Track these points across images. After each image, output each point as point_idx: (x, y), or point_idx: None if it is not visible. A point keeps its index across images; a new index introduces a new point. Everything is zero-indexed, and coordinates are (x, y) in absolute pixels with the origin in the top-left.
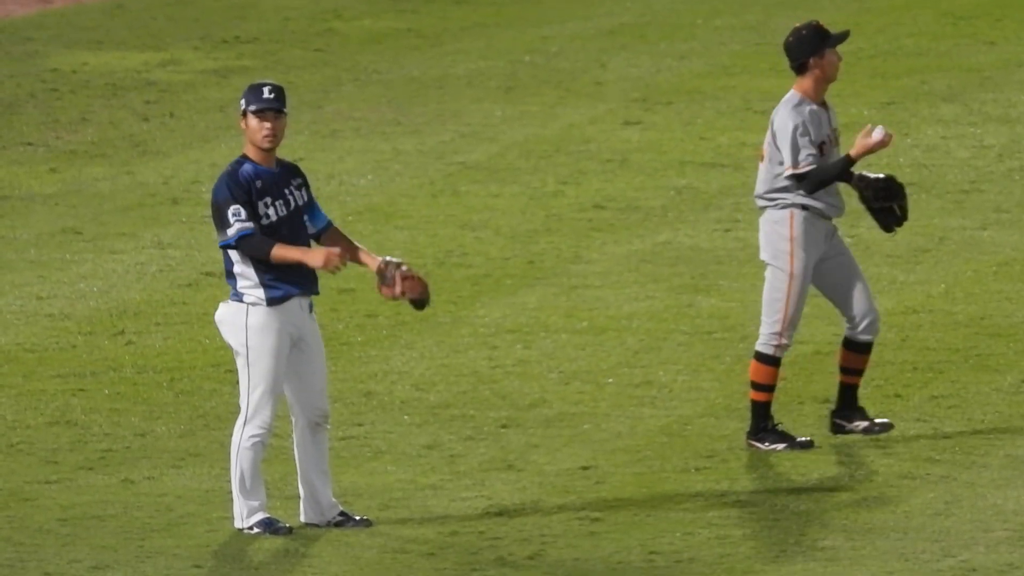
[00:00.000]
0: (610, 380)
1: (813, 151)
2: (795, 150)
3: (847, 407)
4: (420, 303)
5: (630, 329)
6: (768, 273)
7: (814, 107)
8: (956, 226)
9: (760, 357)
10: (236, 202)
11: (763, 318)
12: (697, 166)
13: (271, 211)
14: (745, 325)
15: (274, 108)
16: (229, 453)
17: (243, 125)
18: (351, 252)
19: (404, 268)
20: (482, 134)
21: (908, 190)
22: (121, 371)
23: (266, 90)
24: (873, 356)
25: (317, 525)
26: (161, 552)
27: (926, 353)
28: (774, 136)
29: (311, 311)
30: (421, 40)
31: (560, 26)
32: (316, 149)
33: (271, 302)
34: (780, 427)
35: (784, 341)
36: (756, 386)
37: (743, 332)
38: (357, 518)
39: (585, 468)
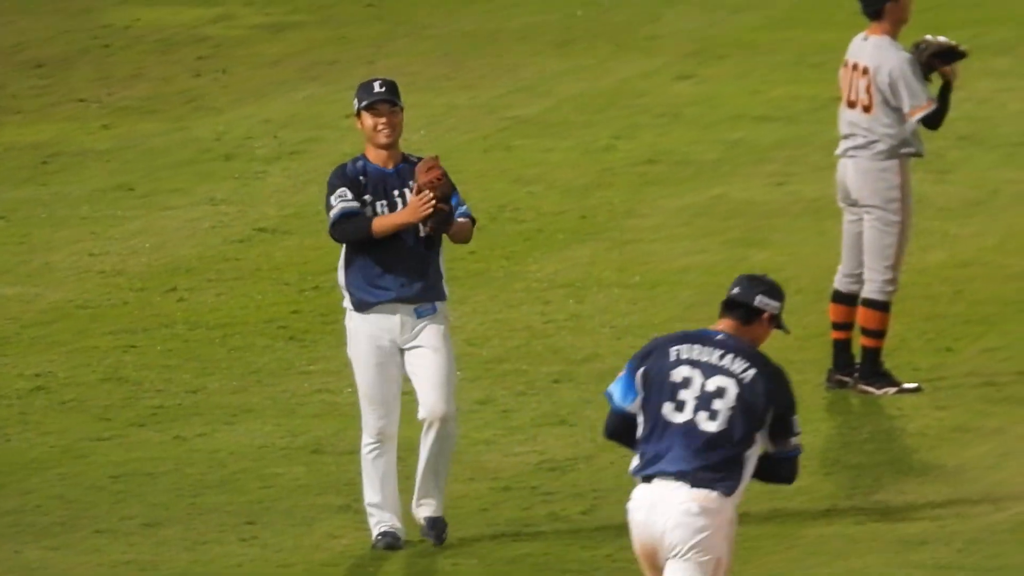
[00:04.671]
0: (663, 334)
1: (926, 89)
2: (916, 92)
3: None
4: (438, 219)
5: (683, 283)
6: (872, 221)
7: None
8: (1009, 179)
9: (871, 303)
10: (340, 186)
11: (870, 264)
12: (750, 119)
13: (370, 209)
14: (800, 278)
15: (387, 100)
16: None
17: (359, 126)
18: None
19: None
20: (535, 88)
21: (961, 143)
22: (173, 327)
23: (376, 84)
24: (926, 309)
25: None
26: (214, 509)
27: (979, 306)
28: (888, 83)
29: (424, 316)
30: None
31: None
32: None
33: (359, 307)
34: (890, 372)
35: (896, 287)
36: (869, 332)
37: (797, 285)
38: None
39: None
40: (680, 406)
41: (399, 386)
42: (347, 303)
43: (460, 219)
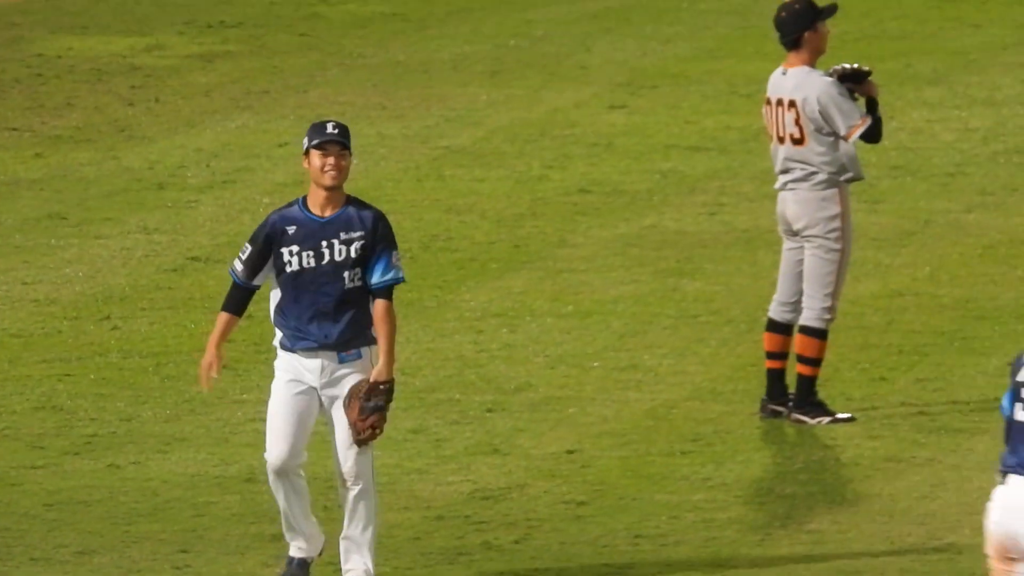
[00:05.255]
0: (596, 364)
1: (857, 106)
2: (849, 112)
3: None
4: (358, 437)
5: (616, 313)
6: (813, 249)
7: None
8: (941, 209)
9: (809, 331)
10: (249, 242)
11: (809, 293)
12: (683, 150)
13: (295, 260)
14: (730, 309)
15: (338, 142)
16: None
17: (306, 165)
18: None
19: (370, 407)
20: (467, 118)
21: (894, 173)
22: (107, 356)
23: (330, 125)
24: (859, 339)
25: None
26: (147, 537)
27: (912, 336)
28: (819, 110)
29: (347, 361)
30: (406, 24)
31: (545, 10)
32: (302, 133)
33: (283, 346)
34: (824, 402)
35: (834, 315)
36: (805, 360)
37: (728, 315)
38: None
39: (571, 452)
40: None
41: (307, 425)
42: (276, 341)
43: (380, 300)
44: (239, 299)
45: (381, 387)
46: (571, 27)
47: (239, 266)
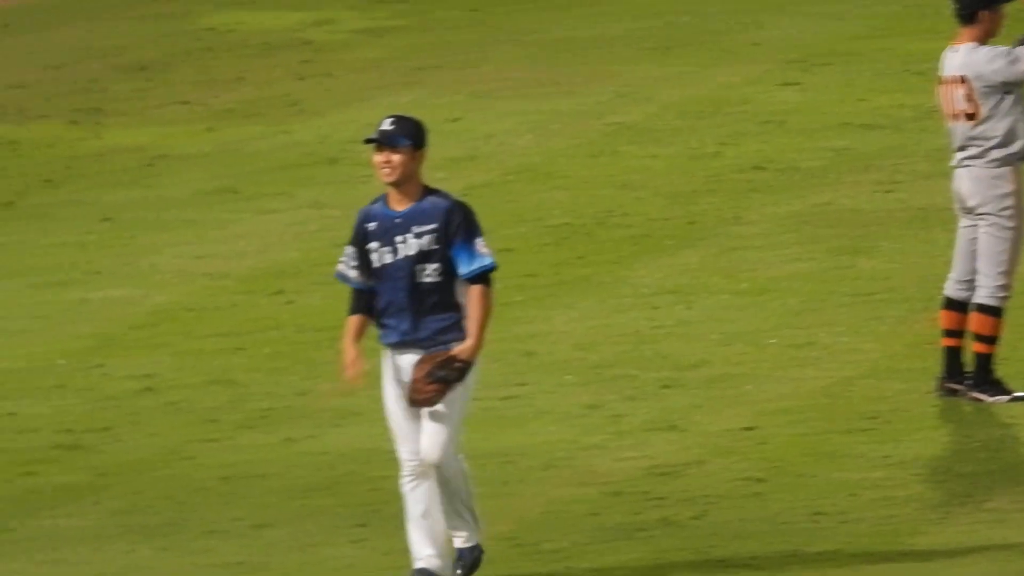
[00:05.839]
0: (772, 341)
1: None
2: (1020, 54)
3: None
4: (412, 396)
5: (791, 290)
6: (987, 227)
7: None
8: None
9: (984, 309)
10: (350, 243)
11: (983, 271)
12: (856, 127)
13: (376, 256)
14: (906, 287)
15: (385, 142)
16: None
17: None
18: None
19: (437, 376)
20: (639, 94)
21: None
22: (281, 330)
23: (386, 122)
24: None
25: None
26: (323, 511)
27: None
28: (991, 74)
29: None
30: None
31: None
32: (473, 109)
33: (380, 341)
34: (1002, 380)
35: (1009, 292)
36: (981, 338)
37: (904, 293)
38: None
39: (748, 429)
40: None
41: (418, 415)
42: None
43: (474, 287)
44: (364, 300)
45: (456, 364)
46: (742, 3)
47: (351, 272)
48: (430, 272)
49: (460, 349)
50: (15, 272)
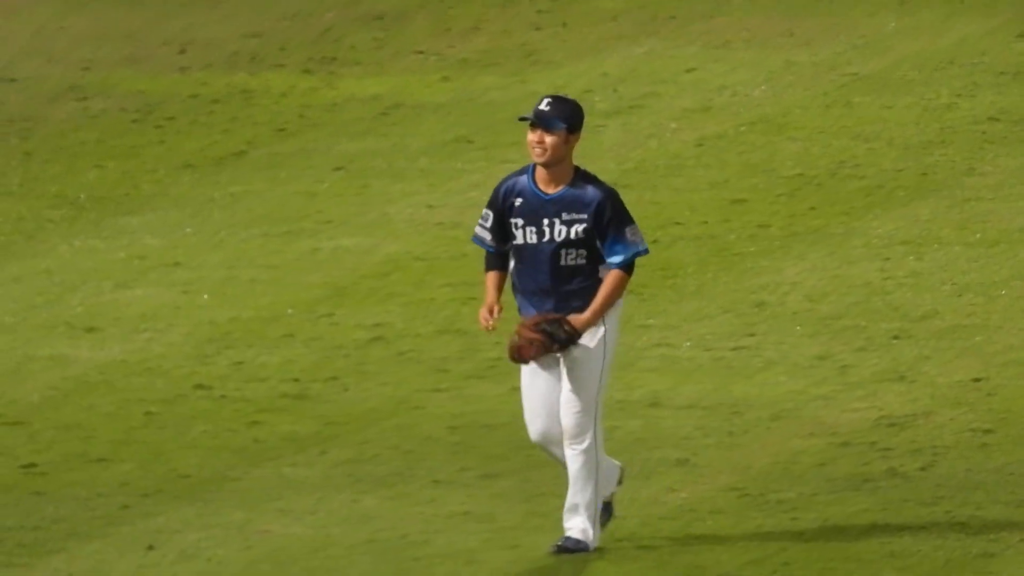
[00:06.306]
0: (1002, 292)
1: None
2: None
3: None
4: (510, 340)
5: (1023, 242)
6: None
7: None
8: None
9: None
10: (488, 207)
11: None
12: None
13: (519, 233)
14: None
15: (540, 122)
16: None
17: None
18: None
19: (543, 329)
20: (875, 46)
21: None
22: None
23: (543, 102)
24: None
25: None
26: (550, 462)
27: None
28: None
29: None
30: None
31: None
32: (708, 60)
33: (519, 311)
34: None
35: None
36: None
37: None
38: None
39: (977, 380)
40: None
41: (555, 393)
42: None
43: (613, 269)
44: (500, 258)
45: (566, 328)
46: None
47: (486, 235)
48: (575, 256)
49: (574, 317)
50: (246, 222)
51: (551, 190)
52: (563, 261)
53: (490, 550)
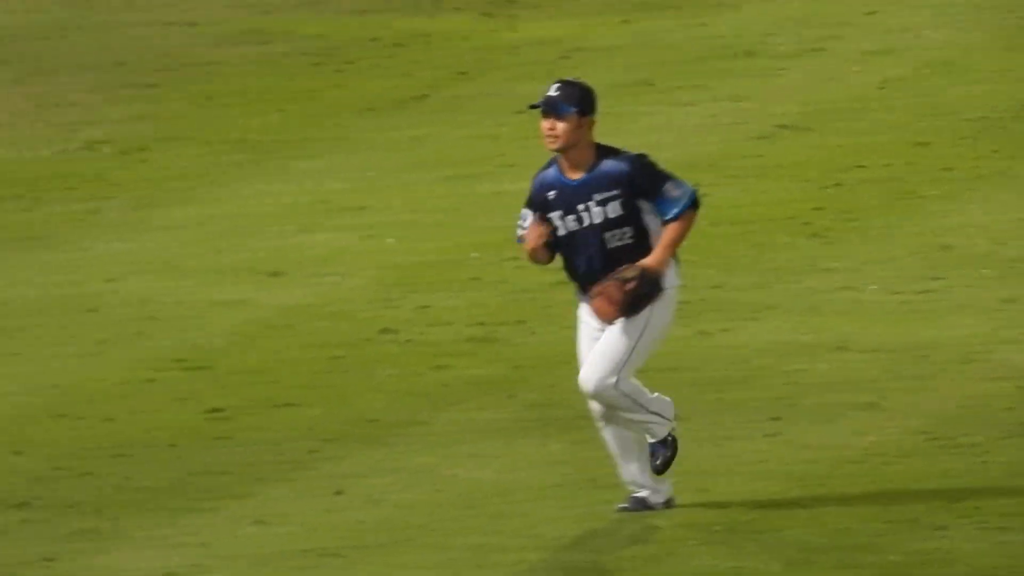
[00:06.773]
0: None
1: None
2: None
3: None
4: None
5: None
6: None
7: None
8: None
9: None
10: (526, 207)
11: None
12: None
13: (561, 224)
14: None
15: (550, 109)
16: None
17: None
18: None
19: (629, 277)
20: None
21: None
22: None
23: (552, 88)
24: None
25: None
26: (738, 404)
27: None
28: None
29: None
30: None
31: None
32: (890, 2)
33: (581, 298)
34: None
35: None
36: None
37: None
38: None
39: None
40: None
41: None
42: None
43: (671, 223)
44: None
45: (647, 274)
46: None
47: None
48: (620, 236)
49: (644, 261)
50: (428, 165)
51: (577, 175)
52: (610, 244)
53: (678, 492)
